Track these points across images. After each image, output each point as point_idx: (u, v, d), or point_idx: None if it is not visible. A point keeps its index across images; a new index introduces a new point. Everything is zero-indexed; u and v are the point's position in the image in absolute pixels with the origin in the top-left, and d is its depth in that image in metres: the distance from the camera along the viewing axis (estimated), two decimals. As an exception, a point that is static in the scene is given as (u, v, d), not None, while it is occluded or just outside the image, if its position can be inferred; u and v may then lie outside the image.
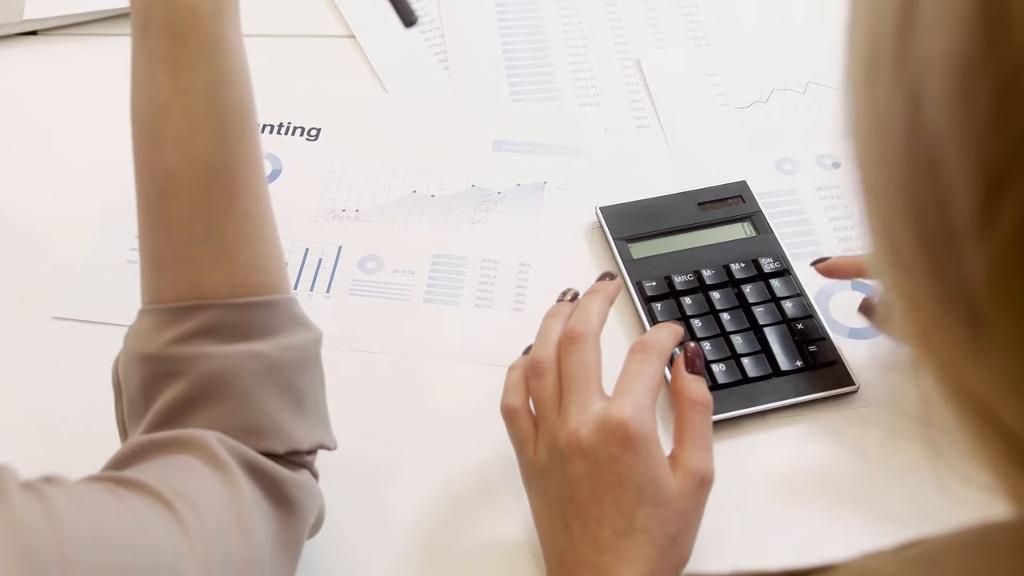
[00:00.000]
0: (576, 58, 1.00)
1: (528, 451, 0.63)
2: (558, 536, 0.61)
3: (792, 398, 0.73)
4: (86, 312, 0.80)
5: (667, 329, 0.66)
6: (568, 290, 0.70)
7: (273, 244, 0.59)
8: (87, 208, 0.87)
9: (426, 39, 1.01)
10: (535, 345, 0.67)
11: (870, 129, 0.30)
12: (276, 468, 0.56)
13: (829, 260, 0.77)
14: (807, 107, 0.95)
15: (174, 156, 0.55)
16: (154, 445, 0.54)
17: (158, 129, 0.56)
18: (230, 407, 0.55)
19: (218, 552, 0.49)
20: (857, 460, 0.71)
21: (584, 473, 0.59)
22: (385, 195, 0.88)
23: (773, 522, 0.68)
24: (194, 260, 0.56)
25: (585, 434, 0.60)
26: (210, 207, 0.56)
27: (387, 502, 0.70)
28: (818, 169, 0.90)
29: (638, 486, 0.59)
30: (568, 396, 0.62)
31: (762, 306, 0.77)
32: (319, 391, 0.60)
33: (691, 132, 0.93)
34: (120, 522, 0.46)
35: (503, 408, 0.66)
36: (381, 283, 0.81)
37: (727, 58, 1.00)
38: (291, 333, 0.58)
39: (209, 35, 0.55)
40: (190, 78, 0.55)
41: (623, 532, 0.58)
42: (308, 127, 0.93)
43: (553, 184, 0.88)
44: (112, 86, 0.98)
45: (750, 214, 0.83)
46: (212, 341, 0.55)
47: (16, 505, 0.42)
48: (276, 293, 0.58)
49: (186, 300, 0.56)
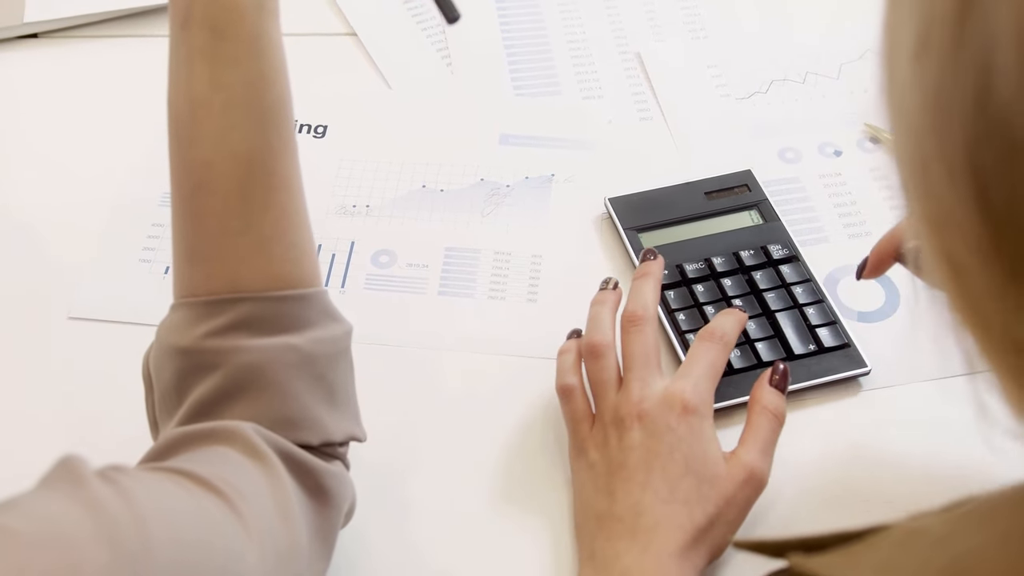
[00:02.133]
0: (577, 52, 1.01)
1: (583, 428, 0.67)
2: (600, 502, 0.63)
3: (806, 381, 0.74)
4: (102, 311, 0.80)
5: (732, 316, 0.70)
6: (609, 279, 0.73)
7: (307, 237, 0.59)
8: (94, 209, 0.87)
9: (427, 35, 1.02)
10: (589, 329, 0.70)
11: (923, 103, 0.31)
12: (312, 459, 0.56)
13: (867, 260, 0.73)
14: (807, 97, 0.96)
15: (212, 151, 0.56)
16: (192, 436, 0.54)
17: (197, 124, 0.56)
18: (266, 399, 0.56)
19: (270, 543, 0.50)
20: (870, 442, 0.72)
21: (640, 441, 0.63)
22: (395, 190, 0.88)
23: (789, 505, 0.69)
24: (230, 254, 0.56)
25: (647, 406, 0.64)
26: (247, 201, 0.56)
27: (406, 492, 0.71)
28: (820, 157, 0.91)
29: (686, 458, 0.62)
30: (630, 373, 0.66)
31: (773, 292, 0.78)
32: (350, 383, 0.61)
33: (694, 123, 0.94)
34: (191, 513, 0.46)
35: (560, 388, 0.69)
36: (395, 277, 0.82)
37: (726, 50, 1.01)
38: (324, 326, 0.59)
39: (251, 31, 0.56)
40: (232, 74, 0.56)
41: (664, 499, 0.61)
42: (315, 125, 0.93)
43: (561, 176, 0.89)
44: (115, 87, 0.99)
45: (756, 202, 0.85)
46: (247, 334, 0.56)
47: (97, 490, 0.43)
48: (309, 286, 0.58)
49: (221, 293, 0.56)
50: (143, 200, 0.87)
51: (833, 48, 1.00)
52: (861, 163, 0.90)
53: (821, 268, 0.81)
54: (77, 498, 0.42)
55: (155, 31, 1.02)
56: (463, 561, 0.68)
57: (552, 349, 0.72)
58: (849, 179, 0.89)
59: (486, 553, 0.68)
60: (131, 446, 0.60)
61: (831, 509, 0.69)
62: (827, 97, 0.96)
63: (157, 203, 0.87)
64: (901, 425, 0.73)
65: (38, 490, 0.44)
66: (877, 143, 0.91)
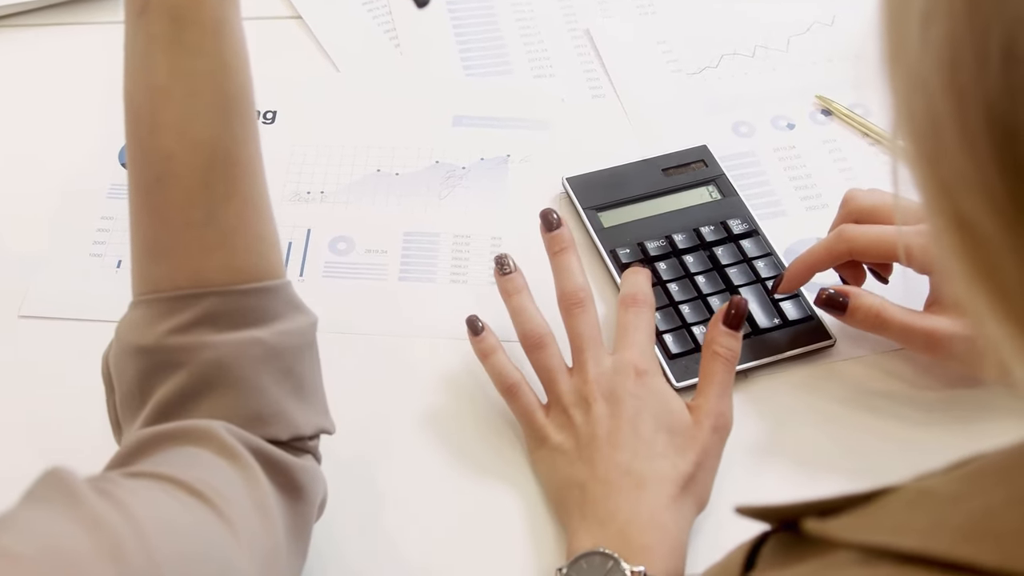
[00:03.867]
0: (526, 30, 1.00)
1: (538, 418, 0.66)
2: (580, 474, 0.64)
3: (773, 355, 0.74)
4: (53, 309, 0.78)
5: (640, 274, 0.72)
6: (505, 257, 0.72)
7: (271, 228, 0.58)
8: (42, 202, 0.84)
9: (374, 17, 1.01)
10: (520, 322, 0.70)
11: (937, 63, 0.30)
12: (284, 455, 0.55)
13: (781, 277, 0.75)
14: (757, 71, 0.96)
15: (173, 141, 0.54)
16: (162, 437, 0.53)
17: (157, 115, 0.54)
18: (233, 396, 0.54)
19: (257, 547, 0.49)
20: (838, 413, 0.73)
21: (606, 412, 0.65)
22: (349, 175, 0.87)
23: (761, 477, 0.70)
24: (192, 247, 0.55)
25: (605, 380, 0.66)
26: (210, 192, 0.55)
27: (377, 483, 0.70)
28: (773, 130, 0.91)
29: (654, 415, 0.65)
30: (583, 354, 0.68)
31: (735, 267, 0.78)
32: (317, 376, 0.60)
33: (647, 99, 0.94)
34: (188, 524, 0.45)
35: (504, 388, 0.68)
36: (354, 264, 0.81)
37: (674, 25, 1.01)
38: (290, 318, 0.57)
39: (212, 18, 0.54)
40: (193, 62, 0.54)
41: (645, 455, 0.63)
42: (264, 110, 0.91)
43: (516, 157, 0.89)
44: (58, 76, 0.96)
45: (714, 177, 0.85)
46: (212, 330, 0.54)
47: (95, 506, 0.42)
48: (275, 278, 0.57)
49: (184, 288, 0.55)
50: (91, 192, 0.85)
51: (780, 21, 1.00)
52: (814, 135, 0.91)
53: (780, 241, 0.81)
54: (76, 516, 0.41)
55: (102, 18, 0.98)
56: (438, 551, 0.67)
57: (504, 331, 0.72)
58: (803, 151, 0.90)
59: (461, 542, 0.67)
60: (90, 449, 0.58)
61: (799, 479, 0.70)
62: (777, 70, 0.96)
63: (105, 195, 0.85)
64: (867, 395, 0.73)
65: (31, 507, 0.42)
66: (829, 115, 0.92)
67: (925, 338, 0.69)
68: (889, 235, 0.71)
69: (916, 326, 0.69)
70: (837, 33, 0.99)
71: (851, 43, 0.97)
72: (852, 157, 0.89)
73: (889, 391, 0.73)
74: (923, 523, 0.35)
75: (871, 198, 0.74)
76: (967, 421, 0.71)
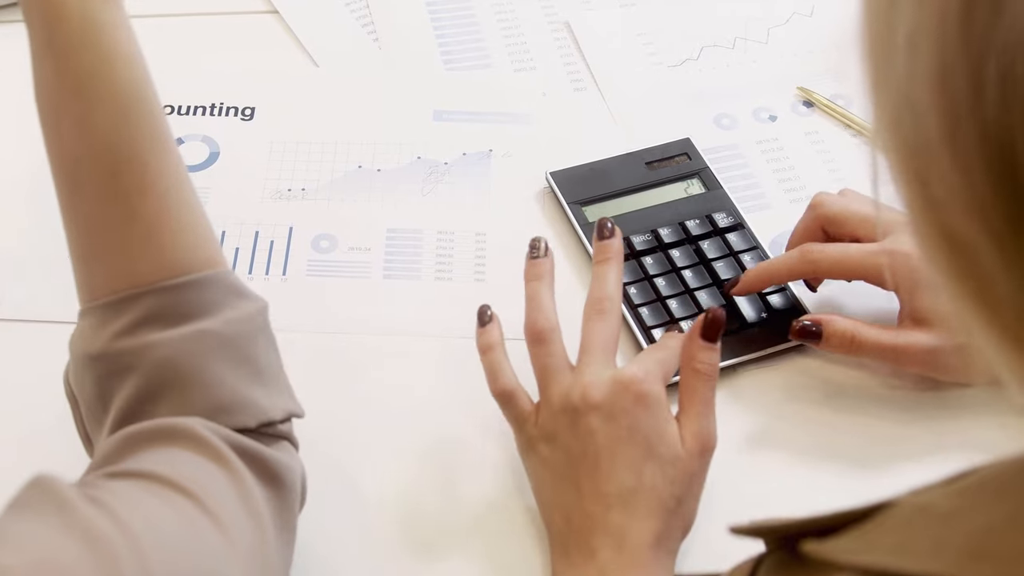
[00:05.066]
0: (505, 23, 1.00)
1: (529, 426, 0.64)
2: (566, 497, 0.62)
3: (762, 350, 0.74)
4: (28, 311, 0.76)
5: (676, 340, 0.67)
6: (539, 240, 0.69)
7: (198, 218, 0.57)
8: (13, 204, 0.83)
9: (351, 11, 0.99)
10: (532, 312, 0.67)
11: (928, 87, 0.30)
12: (258, 446, 0.54)
13: (738, 279, 0.75)
14: (738, 63, 0.96)
15: (76, 143, 0.54)
16: (138, 438, 0.52)
17: (57, 119, 0.55)
18: (190, 392, 0.54)
19: (245, 543, 0.48)
20: (826, 406, 0.73)
21: (597, 426, 0.61)
22: (330, 172, 0.86)
23: (752, 475, 0.70)
24: (120, 247, 0.55)
25: (600, 389, 0.62)
26: (122, 188, 0.54)
27: (361, 485, 0.69)
28: (755, 123, 0.91)
29: (647, 442, 0.61)
30: (586, 357, 0.64)
31: (721, 261, 0.78)
32: (275, 359, 0.59)
33: (628, 92, 0.93)
34: (177, 526, 0.45)
35: (498, 392, 0.65)
36: (337, 262, 0.80)
37: (654, 17, 1.00)
38: (234, 306, 0.56)
39: (79, 17, 0.54)
40: (71, 62, 0.54)
41: (632, 488, 0.60)
42: (242, 107, 0.90)
43: (499, 152, 0.88)
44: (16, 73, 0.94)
45: (698, 170, 0.84)
46: (156, 328, 0.54)
47: (85, 515, 0.41)
48: (209, 268, 0.56)
49: (120, 292, 0.54)
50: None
51: (760, 13, 1.00)
52: (796, 127, 0.91)
53: (765, 234, 0.81)
54: (67, 526, 0.40)
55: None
56: (425, 552, 0.66)
57: (505, 328, 0.70)
58: (786, 144, 0.89)
59: (448, 541, 0.67)
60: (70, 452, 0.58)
61: (791, 474, 0.70)
62: (758, 62, 0.96)
63: (82, 195, 0.83)
64: (855, 389, 0.73)
65: (19, 516, 0.42)
66: (811, 106, 0.92)
67: (900, 355, 0.69)
68: (853, 257, 0.70)
69: (891, 344, 0.69)
70: (817, 24, 0.99)
71: (831, 34, 0.97)
72: (835, 149, 0.89)
73: (878, 384, 0.73)
74: (923, 543, 0.35)
75: (839, 205, 0.73)
76: (957, 418, 0.71)
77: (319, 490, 0.65)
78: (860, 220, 0.72)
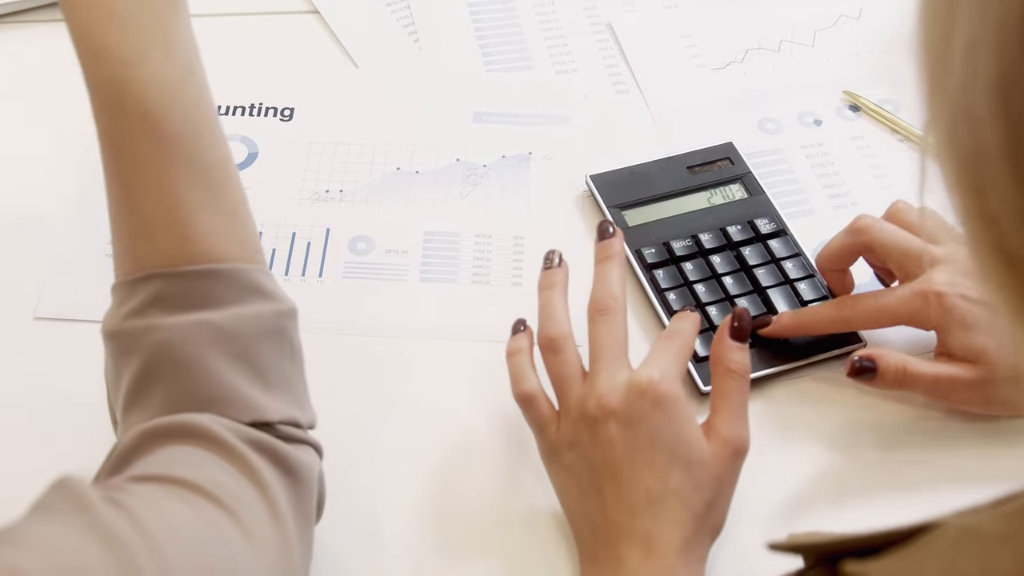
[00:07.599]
0: (546, 24, 0.99)
1: (550, 432, 0.63)
2: (590, 505, 0.61)
3: (803, 359, 0.73)
4: (68, 310, 0.77)
5: (689, 321, 0.67)
6: (552, 253, 0.69)
7: (231, 212, 0.57)
8: (57, 204, 0.83)
9: (392, 12, 0.99)
10: (544, 321, 0.66)
11: (986, 92, 0.29)
12: (276, 441, 0.54)
13: (770, 319, 0.73)
14: (783, 65, 0.95)
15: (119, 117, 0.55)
16: (155, 434, 0.52)
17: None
18: (182, 378, 0.53)
19: (270, 548, 0.48)
20: (871, 416, 0.71)
21: (616, 434, 0.60)
22: (368, 173, 0.85)
23: (792, 483, 0.69)
24: (149, 229, 0.54)
25: (615, 396, 0.61)
26: (161, 177, 0.54)
27: (390, 484, 0.69)
28: (800, 127, 0.90)
29: (670, 447, 0.59)
30: (597, 364, 0.63)
31: (763, 268, 0.77)
32: (286, 365, 0.58)
33: (671, 95, 0.92)
34: (202, 532, 0.44)
35: (519, 395, 0.65)
36: (374, 264, 0.80)
37: (698, 19, 0.99)
38: (247, 303, 0.56)
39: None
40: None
41: (657, 495, 0.59)
42: (281, 107, 0.90)
43: (538, 154, 0.87)
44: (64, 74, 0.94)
45: (740, 175, 0.83)
46: (162, 312, 0.54)
47: (107, 518, 0.41)
48: (233, 262, 0.56)
49: (140, 272, 0.54)
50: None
51: (806, 15, 0.98)
52: (842, 132, 0.89)
53: (809, 241, 0.79)
54: (88, 529, 0.40)
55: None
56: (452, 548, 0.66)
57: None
58: (831, 149, 0.88)
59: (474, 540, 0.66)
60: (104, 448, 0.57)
61: (833, 487, 0.68)
62: (803, 65, 0.95)
63: (121, 194, 0.83)
64: (897, 399, 0.72)
65: (41, 518, 0.41)
66: (857, 111, 0.90)
67: (949, 390, 0.68)
68: (889, 307, 0.69)
69: (940, 377, 0.67)
70: (864, 27, 0.97)
71: (879, 37, 0.96)
72: (881, 154, 0.87)
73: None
74: (971, 568, 0.33)
75: (883, 237, 0.71)
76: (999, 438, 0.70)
77: (346, 491, 0.65)
78: (901, 254, 0.70)
